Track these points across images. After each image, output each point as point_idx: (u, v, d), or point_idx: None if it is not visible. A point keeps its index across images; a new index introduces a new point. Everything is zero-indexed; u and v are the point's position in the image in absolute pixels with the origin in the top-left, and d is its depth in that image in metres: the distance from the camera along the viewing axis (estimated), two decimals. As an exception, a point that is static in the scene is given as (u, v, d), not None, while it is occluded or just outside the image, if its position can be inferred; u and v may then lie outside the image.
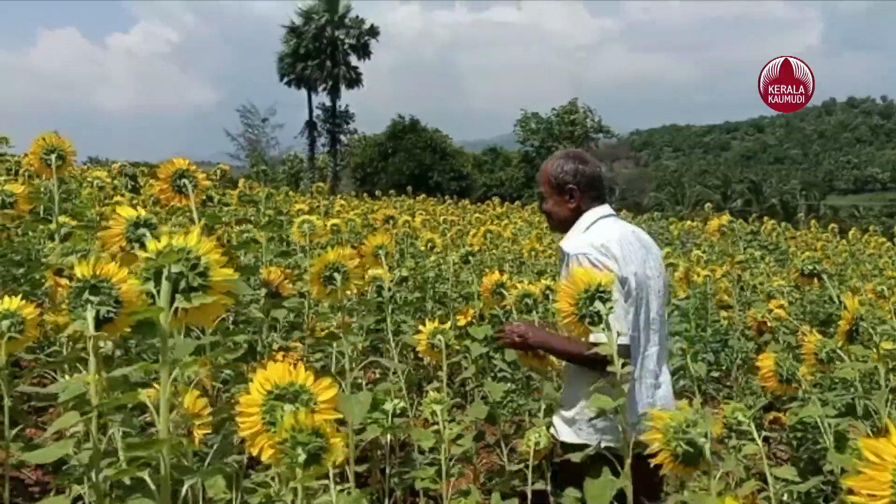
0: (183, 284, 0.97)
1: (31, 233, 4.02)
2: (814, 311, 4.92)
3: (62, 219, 3.00)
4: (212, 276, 1.01)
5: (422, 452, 2.51)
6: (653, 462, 1.41)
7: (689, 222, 13.93)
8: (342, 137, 42.44)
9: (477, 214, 12.89)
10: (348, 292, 2.11)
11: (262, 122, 42.14)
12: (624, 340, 2.20)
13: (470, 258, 3.58)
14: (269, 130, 42.50)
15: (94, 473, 1.15)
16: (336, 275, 1.87)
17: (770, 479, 2.04)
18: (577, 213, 2.48)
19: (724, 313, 5.11)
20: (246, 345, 2.16)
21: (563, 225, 2.52)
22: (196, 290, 0.98)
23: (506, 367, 2.81)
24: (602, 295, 1.54)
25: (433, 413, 1.80)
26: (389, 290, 2.35)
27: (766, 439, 3.28)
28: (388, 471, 2.61)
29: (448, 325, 2.39)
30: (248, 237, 3.59)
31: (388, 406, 2.09)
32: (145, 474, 0.98)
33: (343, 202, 10.55)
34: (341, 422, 1.27)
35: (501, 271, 2.78)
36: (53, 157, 3.04)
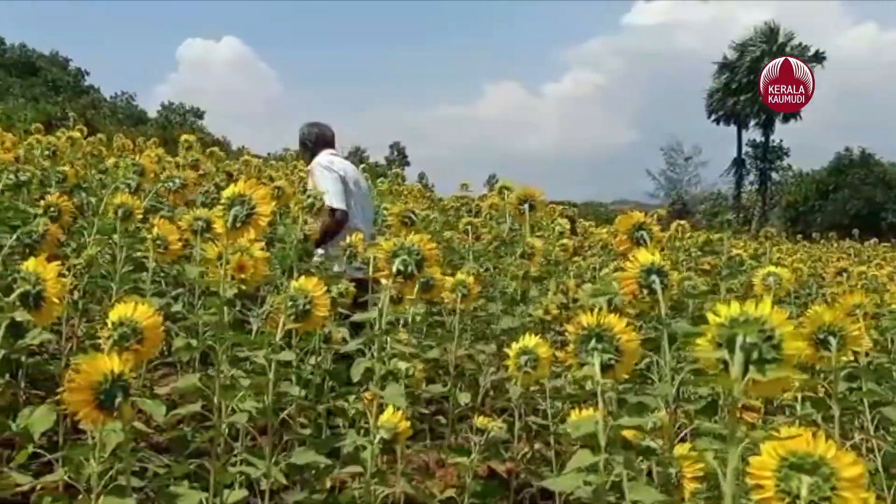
0: (755, 355, 0.97)
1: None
2: None
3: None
4: (785, 348, 0.99)
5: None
6: None
7: None
8: (773, 174, 39.34)
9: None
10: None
11: (685, 160, 41.70)
12: (342, 206, 4.17)
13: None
14: (691, 168, 41.80)
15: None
16: (831, 338, 1.73)
17: None
18: (314, 157, 4.44)
19: None
20: (709, 398, 2.14)
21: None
22: (769, 362, 0.97)
23: None
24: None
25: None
26: (867, 355, 2.06)
27: None
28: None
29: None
30: (690, 285, 3.57)
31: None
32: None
33: (781, 248, 9.67)
34: None
35: None
36: (526, 206, 3.67)
